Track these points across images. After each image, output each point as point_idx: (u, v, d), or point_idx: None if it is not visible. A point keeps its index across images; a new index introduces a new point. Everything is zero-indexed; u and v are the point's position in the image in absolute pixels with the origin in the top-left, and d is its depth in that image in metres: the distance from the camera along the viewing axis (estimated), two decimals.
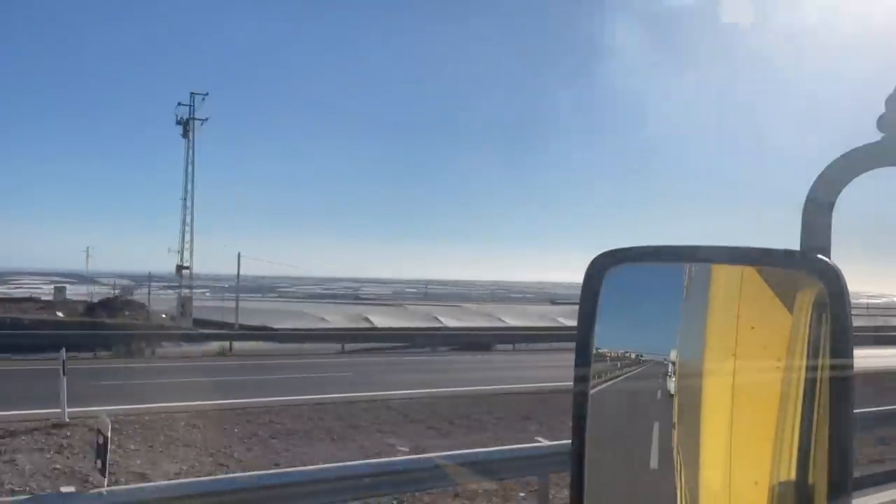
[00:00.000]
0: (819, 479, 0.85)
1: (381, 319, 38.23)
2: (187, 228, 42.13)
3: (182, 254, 42.73)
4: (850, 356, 0.86)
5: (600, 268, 1.09)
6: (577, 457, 1.05)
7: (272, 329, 32.07)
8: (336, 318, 37.62)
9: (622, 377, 1.05)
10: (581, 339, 1.09)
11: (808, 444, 0.86)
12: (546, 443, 8.47)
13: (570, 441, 1.06)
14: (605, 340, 1.07)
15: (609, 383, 1.05)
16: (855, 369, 0.86)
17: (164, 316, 36.07)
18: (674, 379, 0.97)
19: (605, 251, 1.11)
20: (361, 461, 7.79)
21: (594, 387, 1.06)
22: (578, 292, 1.10)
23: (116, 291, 46.13)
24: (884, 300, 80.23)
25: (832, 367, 0.86)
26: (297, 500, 6.30)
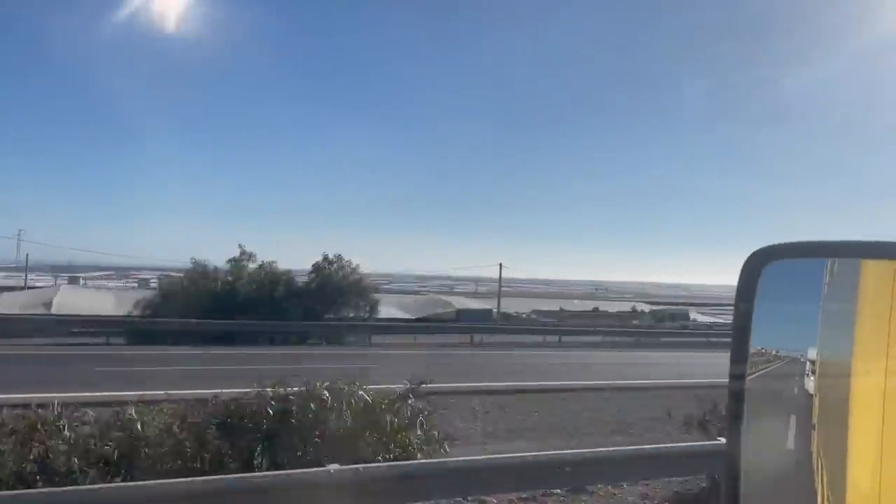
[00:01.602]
0: None
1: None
2: None
3: None
4: None
5: (757, 264, 1.09)
6: (731, 457, 1.05)
7: None
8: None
9: (775, 375, 1.04)
10: (737, 335, 1.09)
11: None
12: None
13: None
14: (761, 338, 1.07)
15: (764, 381, 1.05)
16: None
17: None
18: (812, 378, 0.95)
19: (760, 247, 1.10)
20: None
21: (750, 383, 1.06)
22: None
23: None
24: None
25: None
26: None
